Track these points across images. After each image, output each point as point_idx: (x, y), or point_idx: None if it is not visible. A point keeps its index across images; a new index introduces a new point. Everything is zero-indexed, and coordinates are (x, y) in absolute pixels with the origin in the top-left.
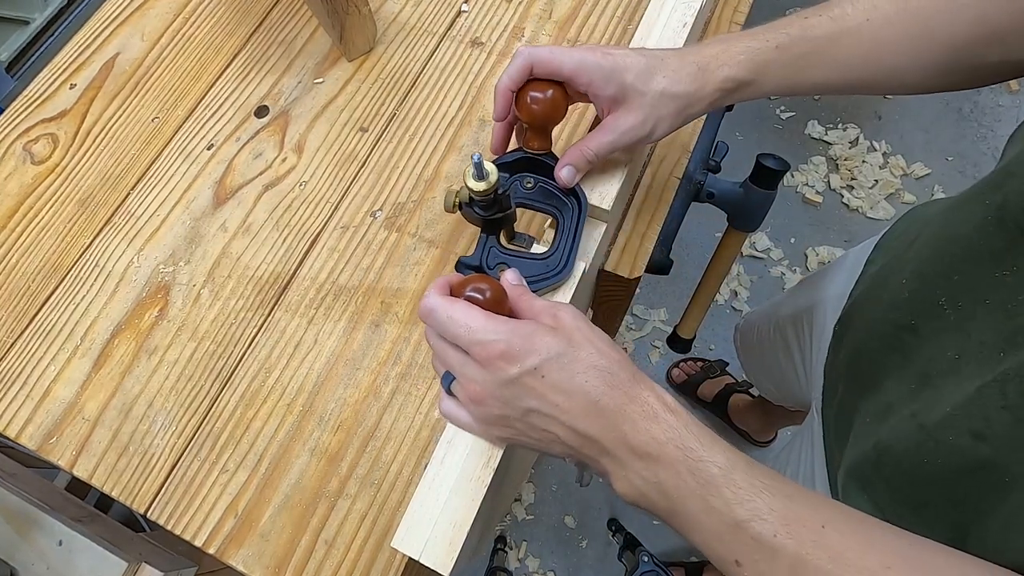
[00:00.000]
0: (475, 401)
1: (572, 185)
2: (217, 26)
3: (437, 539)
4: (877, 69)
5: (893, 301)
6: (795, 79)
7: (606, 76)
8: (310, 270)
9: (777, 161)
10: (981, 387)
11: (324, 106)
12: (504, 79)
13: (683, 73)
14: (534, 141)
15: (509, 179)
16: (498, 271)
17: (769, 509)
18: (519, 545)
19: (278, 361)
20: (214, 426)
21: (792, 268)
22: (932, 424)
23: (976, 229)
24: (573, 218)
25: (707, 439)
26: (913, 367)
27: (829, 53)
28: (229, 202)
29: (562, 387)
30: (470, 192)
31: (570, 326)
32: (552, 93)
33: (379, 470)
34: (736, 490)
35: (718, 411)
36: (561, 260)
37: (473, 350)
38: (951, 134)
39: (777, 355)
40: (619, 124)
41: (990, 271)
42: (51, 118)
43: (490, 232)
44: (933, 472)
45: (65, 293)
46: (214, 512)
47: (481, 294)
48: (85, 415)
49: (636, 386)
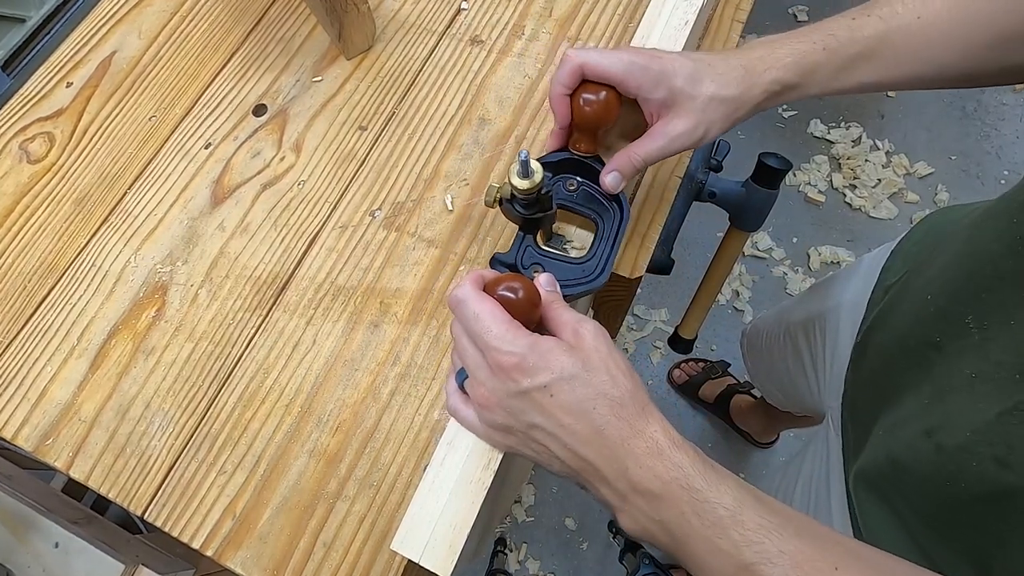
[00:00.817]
0: (482, 405)
1: (617, 192)
2: (215, 24)
3: (437, 541)
4: (927, 66)
5: (919, 316)
6: (841, 79)
7: (655, 80)
8: (308, 270)
9: (779, 160)
10: (1001, 413)
11: (323, 105)
12: (556, 86)
13: (730, 77)
14: (581, 143)
15: (552, 179)
16: (532, 271)
17: (779, 551)
18: (519, 547)
19: (276, 362)
20: (212, 427)
21: (794, 268)
22: (952, 447)
23: (1007, 248)
24: (614, 225)
25: (714, 478)
26: (931, 382)
27: (878, 53)
28: (227, 201)
29: (570, 409)
30: (513, 189)
31: (589, 347)
32: (605, 95)
33: (378, 472)
34: (744, 532)
35: (720, 412)
36: (598, 267)
37: (489, 354)
38: (954, 133)
39: (787, 361)
40: (670, 130)
41: (1019, 292)
42: (47, 117)
43: (528, 231)
44: (955, 496)
45: (61, 293)
46: (212, 514)
47: (514, 293)
48: (82, 416)
49: (644, 419)
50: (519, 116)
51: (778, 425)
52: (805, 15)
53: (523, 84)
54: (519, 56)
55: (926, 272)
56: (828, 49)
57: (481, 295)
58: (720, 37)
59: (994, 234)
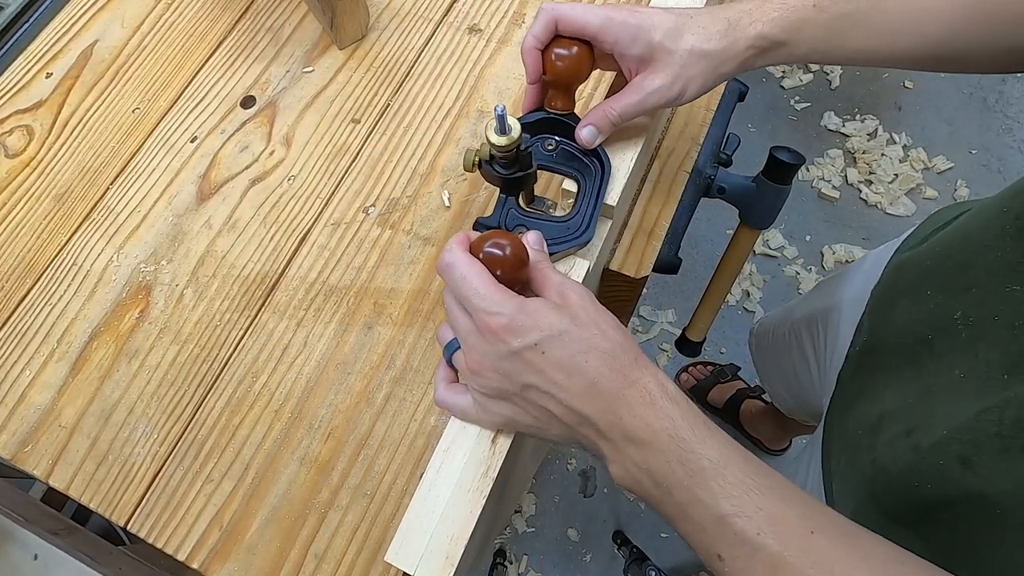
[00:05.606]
0: (474, 371)
1: (593, 147)
2: (201, 12)
3: (433, 553)
4: (921, 39)
5: (914, 314)
6: (832, 43)
7: (632, 35)
8: (299, 269)
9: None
10: (980, 412)
11: (314, 96)
12: (529, 38)
13: (713, 30)
14: (557, 100)
15: (530, 140)
16: (517, 232)
17: (756, 507)
18: (519, 559)
19: (265, 365)
20: (198, 434)
21: (807, 267)
22: (927, 447)
23: (995, 238)
24: (596, 180)
25: (702, 430)
26: (919, 382)
27: (871, 16)
28: (214, 197)
29: (562, 365)
30: (491, 147)
31: (576, 305)
32: (577, 50)
33: (372, 480)
34: (724, 484)
35: (729, 418)
36: (582, 223)
37: (477, 316)
38: (975, 126)
39: (792, 359)
40: (646, 84)
41: (1003, 284)
42: (26, 109)
43: (509, 193)
44: (923, 497)
45: (41, 294)
46: (198, 524)
47: (501, 250)
48: (62, 422)
49: (637, 370)
50: (519, 108)
51: (790, 431)
52: None
53: (523, 75)
54: (519, 46)
55: (923, 267)
56: (818, 6)
57: (469, 258)
58: None
59: (984, 224)
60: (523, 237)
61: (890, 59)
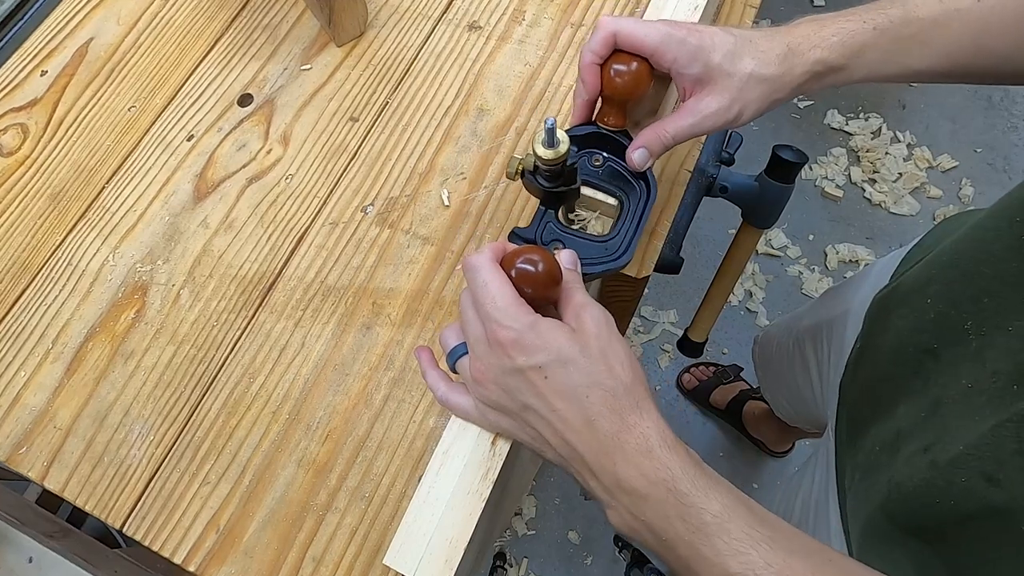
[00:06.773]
0: (478, 381)
1: (644, 169)
2: (197, 9)
3: (432, 556)
4: (986, 56)
5: (918, 322)
6: (890, 64)
7: (691, 54)
8: (297, 269)
9: (795, 153)
10: (996, 426)
11: (312, 94)
12: (587, 54)
13: (772, 55)
14: (609, 117)
15: (577, 154)
16: (552, 248)
17: (766, 564)
18: (520, 562)
19: (263, 366)
20: (195, 435)
21: (810, 267)
22: (945, 463)
23: (1008, 248)
24: (640, 203)
25: (703, 483)
26: (928, 394)
27: (934, 37)
28: (210, 196)
29: (563, 394)
30: (537, 160)
31: (590, 333)
32: (637, 66)
33: (370, 482)
34: (730, 540)
35: (732, 419)
36: (621, 245)
37: (489, 326)
38: (980, 124)
39: (795, 370)
40: (703, 107)
41: (1018, 294)
42: (21, 107)
43: (549, 206)
44: (944, 513)
45: (35, 294)
46: (194, 527)
47: (534, 266)
48: (57, 424)
49: (637, 414)
50: (519, 106)
51: (793, 434)
52: (822, 0)
53: (524, 72)
54: (519, 43)
55: (926, 275)
56: (879, 29)
57: (495, 267)
58: (732, 22)
59: (995, 235)
60: (557, 254)
61: (949, 76)
